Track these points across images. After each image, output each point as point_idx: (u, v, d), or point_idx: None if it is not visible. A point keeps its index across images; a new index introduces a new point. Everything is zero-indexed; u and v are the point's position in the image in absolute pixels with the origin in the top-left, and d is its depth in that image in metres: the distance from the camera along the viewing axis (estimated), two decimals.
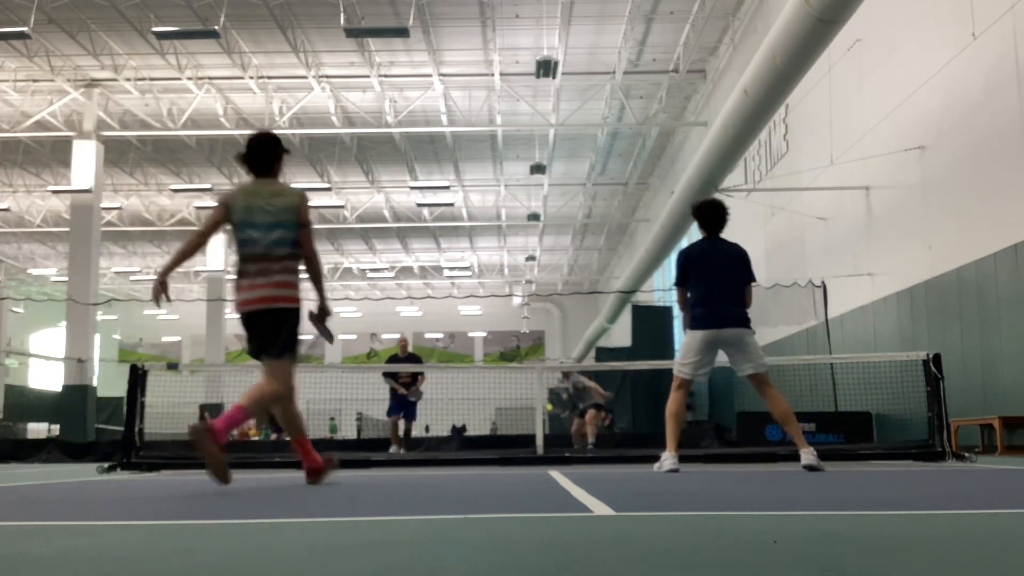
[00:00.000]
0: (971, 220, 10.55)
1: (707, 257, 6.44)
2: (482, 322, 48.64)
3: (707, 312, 6.31)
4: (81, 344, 22.39)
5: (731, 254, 6.52)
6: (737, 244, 6.63)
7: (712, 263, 6.41)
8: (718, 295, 6.33)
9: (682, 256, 6.54)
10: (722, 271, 6.41)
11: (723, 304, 6.31)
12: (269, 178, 5.20)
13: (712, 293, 6.34)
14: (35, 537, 2.44)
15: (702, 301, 6.35)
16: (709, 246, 6.51)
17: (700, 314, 6.34)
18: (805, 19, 10.01)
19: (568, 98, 23.71)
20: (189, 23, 19.06)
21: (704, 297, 6.36)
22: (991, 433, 10.02)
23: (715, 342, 6.34)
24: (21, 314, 46.04)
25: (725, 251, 6.51)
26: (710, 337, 6.31)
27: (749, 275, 6.49)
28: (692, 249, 6.55)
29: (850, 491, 3.80)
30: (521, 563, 1.76)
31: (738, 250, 6.56)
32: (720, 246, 6.53)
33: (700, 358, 6.35)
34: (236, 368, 43.95)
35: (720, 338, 6.32)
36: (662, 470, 6.28)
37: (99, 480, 6.27)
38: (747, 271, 6.48)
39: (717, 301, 6.31)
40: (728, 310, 6.32)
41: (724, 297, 6.34)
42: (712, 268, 6.39)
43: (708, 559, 1.79)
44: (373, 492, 4.25)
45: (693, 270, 6.45)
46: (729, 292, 6.37)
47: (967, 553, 1.83)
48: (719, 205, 6.62)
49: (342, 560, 1.84)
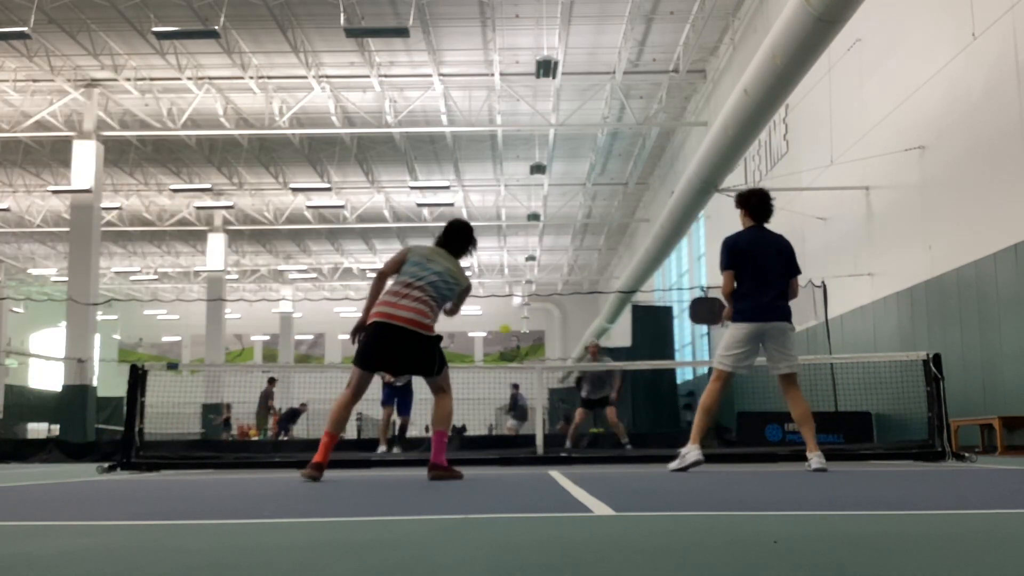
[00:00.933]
0: (971, 220, 10.55)
1: (755, 247, 6.23)
2: (482, 322, 48.63)
3: (754, 305, 6.13)
4: (81, 344, 22.39)
5: (778, 245, 6.33)
6: (782, 235, 6.43)
7: (759, 254, 6.22)
8: (765, 287, 6.16)
9: (730, 244, 6.29)
10: (769, 262, 6.22)
11: (770, 297, 6.15)
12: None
13: (759, 285, 6.16)
14: (35, 537, 2.44)
15: (749, 293, 6.17)
16: (757, 236, 6.30)
17: (747, 307, 6.16)
18: (805, 19, 10.01)
19: (568, 98, 23.71)
20: (189, 23, 19.06)
21: (751, 289, 6.17)
22: (991, 433, 10.02)
23: (760, 336, 6.16)
24: (21, 314, 46.05)
25: (772, 242, 6.32)
26: (756, 330, 6.14)
27: (795, 267, 6.31)
28: (740, 238, 6.31)
29: (850, 491, 3.80)
30: (521, 563, 1.76)
31: (784, 241, 6.38)
32: (767, 237, 6.34)
33: (744, 351, 6.16)
34: (236, 368, 43.96)
35: (765, 332, 6.15)
36: (685, 463, 6.12)
37: (99, 480, 6.27)
38: (793, 263, 6.30)
39: (764, 293, 6.14)
40: (775, 303, 6.16)
41: (771, 289, 6.17)
42: (759, 259, 6.20)
43: (708, 559, 1.79)
44: (373, 492, 4.25)
45: (740, 260, 6.22)
46: (776, 284, 6.20)
47: (967, 553, 1.82)
48: (767, 194, 6.44)
49: (342, 560, 1.84)
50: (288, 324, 46.03)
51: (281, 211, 33.42)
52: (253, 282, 45.65)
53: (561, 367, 33.77)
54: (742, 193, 6.54)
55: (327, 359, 48.50)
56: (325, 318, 47.22)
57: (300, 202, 31.91)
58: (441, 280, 5.71)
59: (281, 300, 45.94)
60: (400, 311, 5.53)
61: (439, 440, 5.64)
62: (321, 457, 5.48)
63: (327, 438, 5.57)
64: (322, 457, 5.48)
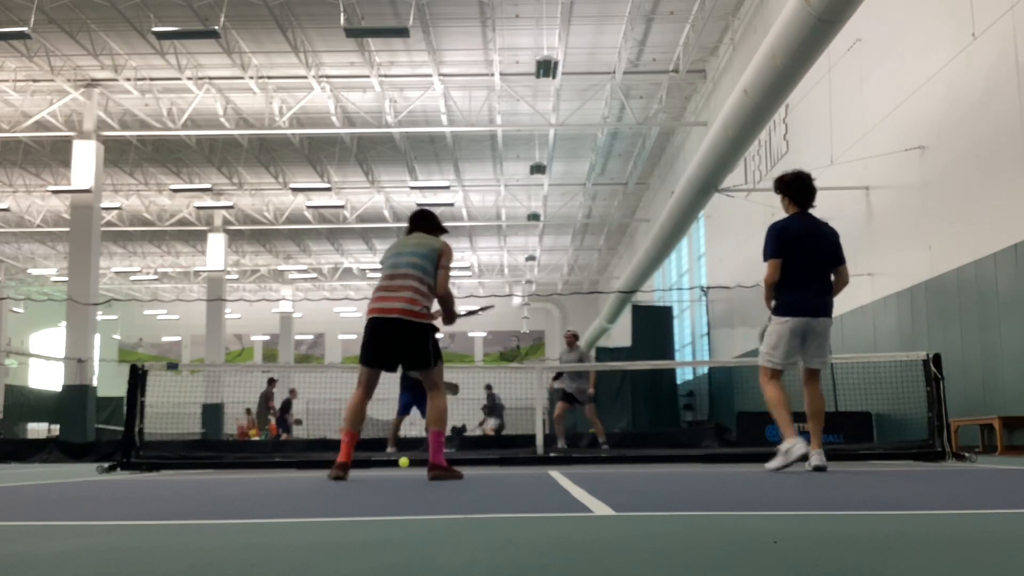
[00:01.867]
0: (971, 220, 10.55)
1: (804, 236, 5.89)
2: (482, 322, 48.63)
3: (801, 299, 5.84)
4: (81, 344, 22.39)
5: (824, 234, 5.97)
6: (828, 222, 6.11)
7: (808, 243, 5.88)
8: (812, 280, 5.86)
9: (778, 230, 5.93)
10: (816, 253, 5.89)
11: (816, 291, 5.86)
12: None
13: (806, 278, 5.85)
14: (35, 537, 2.44)
15: (795, 286, 5.86)
16: (805, 224, 5.95)
17: (793, 301, 5.85)
18: (805, 19, 10.00)
19: (568, 98, 23.71)
20: (189, 23, 19.06)
21: (797, 281, 5.86)
22: (991, 433, 10.02)
23: (805, 332, 5.87)
24: (21, 314, 46.04)
25: (819, 230, 5.97)
26: (801, 326, 5.85)
27: (841, 256, 6.02)
28: (787, 225, 5.95)
29: (850, 491, 3.80)
30: (521, 563, 1.76)
31: (830, 228, 6.04)
32: (814, 224, 5.99)
33: (790, 347, 5.88)
34: (236, 368, 43.96)
35: (810, 328, 5.87)
36: (790, 459, 5.75)
37: (99, 480, 6.27)
38: (840, 252, 6.01)
39: (810, 287, 5.85)
40: (821, 299, 5.87)
41: (817, 282, 5.88)
42: (807, 249, 5.87)
43: (708, 559, 1.79)
44: (373, 492, 4.25)
45: (788, 249, 5.86)
46: (822, 277, 5.91)
47: (967, 553, 1.82)
48: (810, 177, 6.12)
49: (342, 560, 1.84)
50: (288, 324, 46.03)
51: (281, 211, 33.42)
52: (253, 282, 45.65)
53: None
54: (783, 178, 6.19)
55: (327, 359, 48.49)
56: (325, 318, 47.25)
57: (300, 202, 31.91)
58: (415, 256, 5.75)
59: (281, 300, 45.94)
60: (390, 303, 5.63)
61: (436, 440, 5.68)
62: (345, 456, 5.63)
63: (347, 436, 5.70)
64: (346, 456, 5.63)
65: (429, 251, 5.76)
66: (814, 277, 5.87)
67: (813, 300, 5.85)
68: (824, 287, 5.91)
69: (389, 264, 5.80)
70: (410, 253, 5.76)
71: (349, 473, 5.70)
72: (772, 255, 5.92)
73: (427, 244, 5.82)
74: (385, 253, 5.93)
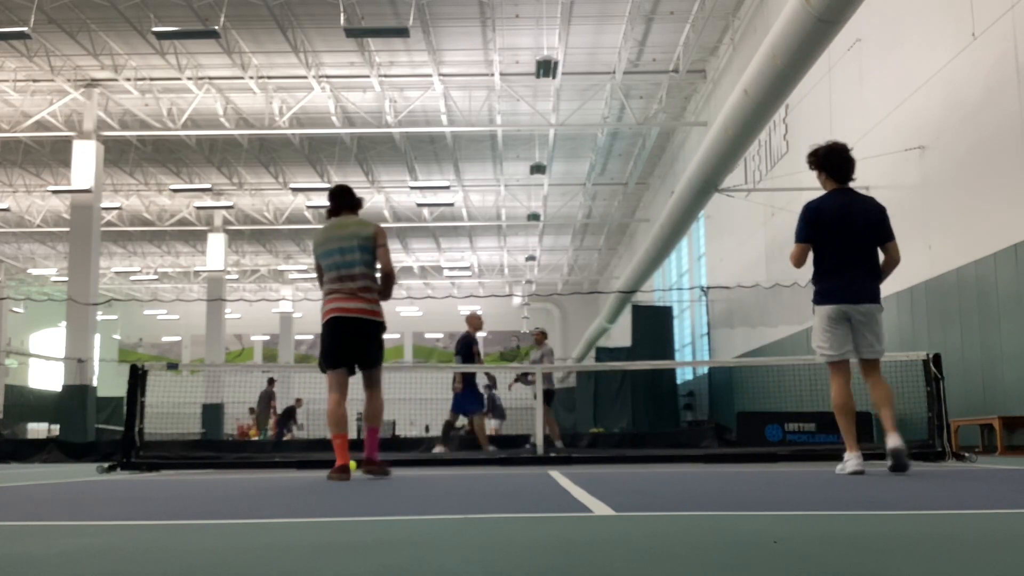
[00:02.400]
0: (971, 220, 10.55)
1: (842, 215, 5.40)
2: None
3: (838, 286, 5.41)
4: (81, 344, 22.39)
5: (867, 211, 5.45)
6: (872, 197, 5.60)
7: (846, 223, 5.40)
8: (851, 263, 5.41)
9: (811, 211, 5.49)
10: (857, 233, 5.40)
11: (858, 275, 5.41)
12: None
13: (845, 261, 5.41)
14: (35, 537, 2.44)
15: (833, 270, 5.42)
16: (844, 202, 5.45)
17: (831, 287, 5.44)
18: (805, 19, 10.01)
19: (568, 98, 23.71)
20: (189, 23, 19.07)
21: (836, 265, 5.41)
22: (991, 433, 10.02)
23: (846, 318, 5.46)
24: (21, 314, 46.05)
25: (860, 207, 5.45)
26: (839, 314, 5.44)
27: (888, 232, 5.50)
28: (823, 204, 5.47)
29: (850, 491, 3.80)
30: (521, 563, 1.76)
31: (874, 204, 5.51)
32: (854, 201, 5.48)
33: (836, 335, 5.47)
34: (236, 368, 43.95)
35: (851, 315, 5.44)
36: (844, 472, 5.39)
37: (99, 480, 6.27)
38: (886, 228, 5.49)
39: (851, 271, 5.41)
40: (864, 283, 5.42)
41: (859, 267, 5.42)
42: (846, 229, 5.40)
43: (708, 559, 1.79)
44: (374, 492, 4.25)
45: (822, 231, 5.41)
46: (864, 259, 5.43)
47: (967, 553, 1.82)
48: (846, 148, 5.64)
49: (342, 560, 1.84)
50: (288, 324, 46.04)
51: (281, 211, 33.43)
52: (253, 282, 45.65)
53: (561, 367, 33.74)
54: (816, 151, 5.73)
55: None
56: None
57: (300, 202, 31.92)
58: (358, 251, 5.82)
59: (281, 300, 45.94)
60: (351, 303, 5.73)
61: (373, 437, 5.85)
62: (342, 459, 5.71)
63: (339, 440, 5.76)
64: (343, 459, 5.71)
65: (365, 240, 5.84)
66: (854, 260, 5.41)
67: (853, 285, 5.41)
68: (867, 270, 5.45)
69: (335, 263, 5.80)
70: (356, 248, 5.80)
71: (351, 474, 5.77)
72: (800, 239, 5.51)
73: (362, 233, 5.85)
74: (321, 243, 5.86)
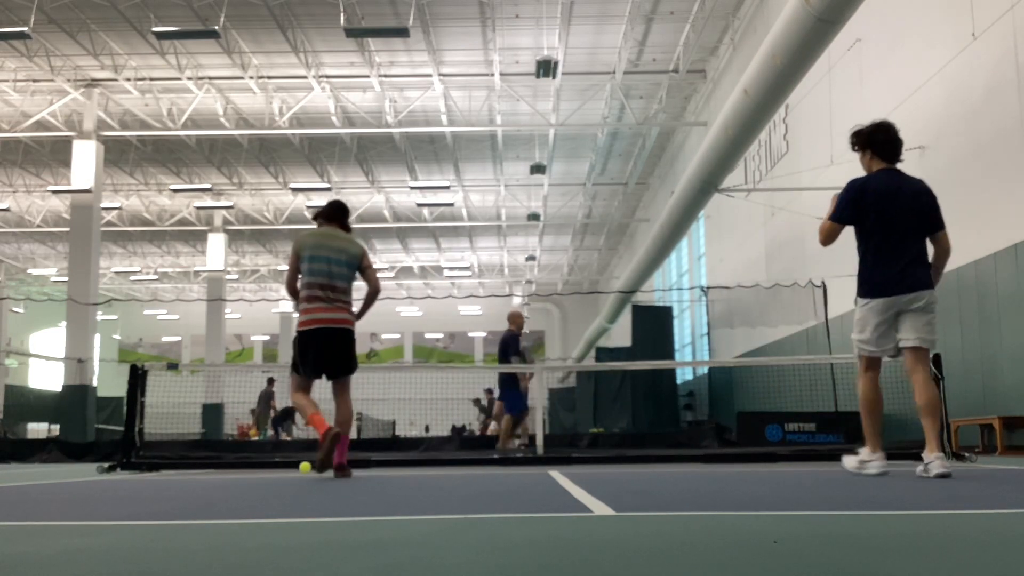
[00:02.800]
0: (971, 220, 10.55)
1: (888, 198, 4.96)
2: (482, 322, 48.61)
3: (886, 275, 5.01)
4: (81, 344, 22.39)
5: (917, 194, 5.01)
6: (922, 180, 5.18)
7: (892, 206, 4.96)
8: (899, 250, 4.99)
9: (855, 190, 5.07)
10: (906, 217, 4.96)
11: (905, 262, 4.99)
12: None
13: (891, 248, 4.99)
14: (35, 537, 2.44)
15: (879, 259, 5.03)
16: (892, 183, 5.02)
17: (878, 278, 5.05)
18: (805, 19, 10.01)
19: (568, 98, 23.71)
20: (189, 23, 19.07)
21: (881, 253, 5.01)
22: (991, 433, 10.03)
23: (894, 312, 5.06)
24: (21, 314, 46.05)
25: (911, 190, 5.02)
26: (887, 305, 5.04)
27: (939, 220, 5.09)
28: (870, 183, 5.04)
29: (850, 491, 3.80)
30: (521, 563, 1.76)
31: (925, 188, 5.07)
32: (904, 183, 5.06)
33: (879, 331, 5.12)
34: (236, 368, 43.94)
35: (901, 306, 5.02)
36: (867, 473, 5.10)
37: (99, 480, 6.27)
38: (937, 216, 5.08)
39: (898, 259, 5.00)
40: (912, 271, 4.98)
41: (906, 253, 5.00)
42: (893, 212, 4.96)
43: (708, 559, 1.79)
44: (373, 492, 4.25)
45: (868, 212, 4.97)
46: (913, 245, 5.00)
47: (967, 553, 1.82)
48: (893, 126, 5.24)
49: (343, 559, 1.84)
50: (288, 324, 46.01)
51: (281, 211, 33.42)
52: (253, 282, 45.65)
53: (561, 367, 33.78)
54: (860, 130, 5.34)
55: None
56: None
57: (300, 202, 31.91)
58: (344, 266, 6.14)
59: (281, 300, 45.93)
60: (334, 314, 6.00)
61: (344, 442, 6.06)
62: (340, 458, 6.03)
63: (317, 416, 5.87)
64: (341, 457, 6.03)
65: (352, 258, 6.18)
66: (902, 247, 4.99)
67: (902, 274, 4.99)
68: (918, 257, 5.02)
69: (321, 270, 6.04)
70: (343, 263, 6.12)
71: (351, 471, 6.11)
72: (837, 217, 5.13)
73: (350, 251, 6.19)
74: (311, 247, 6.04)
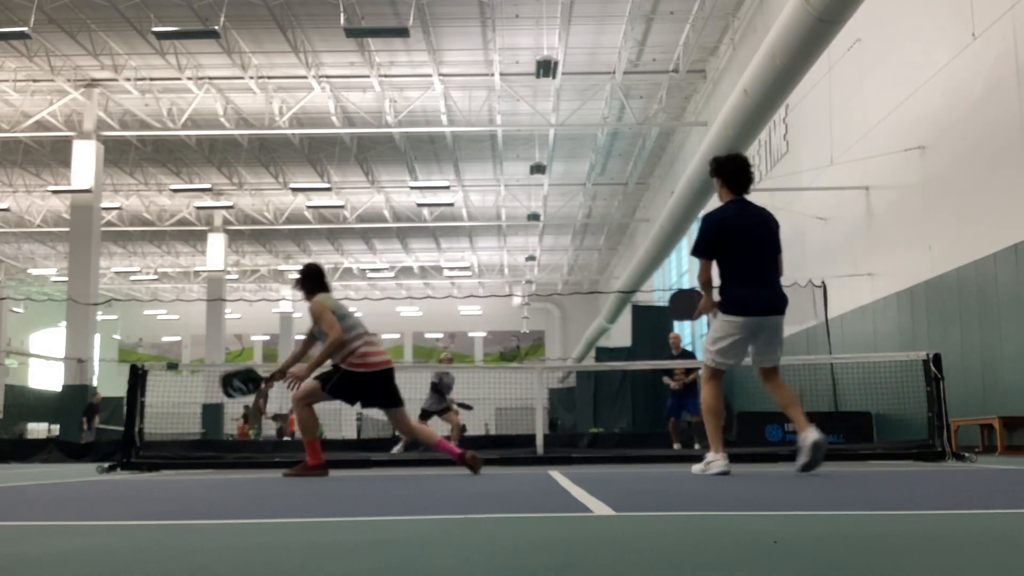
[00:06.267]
0: (971, 220, 10.55)
1: (745, 225, 5.39)
2: (482, 322, 48.62)
3: (753, 295, 5.35)
4: (81, 344, 22.39)
5: (765, 220, 5.47)
6: (765, 208, 5.65)
7: (751, 232, 5.38)
8: (762, 273, 5.37)
9: (713, 223, 5.42)
10: (761, 242, 5.38)
11: (769, 285, 5.39)
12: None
13: (756, 271, 5.36)
14: (35, 537, 2.44)
15: (744, 280, 5.38)
16: (744, 212, 5.45)
17: (744, 296, 5.36)
18: (805, 19, 10.01)
19: (568, 98, 23.71)
20: (189, 23, 19.07)
21: (746, 275, 5.37)
22: (991, 433, 10.03)
23: (754, 330, 5.38)
24: (21, 314, 46.04)
25: (759, 217, 5.46)
26: (753, 325, 5.36)
27: (779, 244, 5.56)
28: (725, 214, 5.43)
29: (850, 491, 3.80)
30: (521, 563, 1.76)
31: (769, 215, 5.57)
32: (753, 211, 5.49)
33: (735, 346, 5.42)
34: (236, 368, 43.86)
35: (761, 326, 5.36)
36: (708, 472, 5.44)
37: (99, 480, 6.27)
38: (778, 240, 5.55)
39: (762, 281, 5.36)
40: (772, 293, 5.38)
41: (768, 276, 5.39)
42: (751, 239, 5.37)
43: (708, 559, 1.79)
44: (373, 492, 4.25)
45: (729, 241, 5.36)
46: (771, 269, 5.42)
47: (967, 553, 1.82)
48: (746, 160, 5.66)
49: (342, 560, 1.84)
50: (288, 324, 46.03)
51: (281, 211, 33.42)
52: (253, 282, 45.65)
53: (561, 367, 33.78)
54: (717, 159, 5.71)
55: None
56: None
57: (300, 202, 31.91)
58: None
59: (281, 300, 45.94)
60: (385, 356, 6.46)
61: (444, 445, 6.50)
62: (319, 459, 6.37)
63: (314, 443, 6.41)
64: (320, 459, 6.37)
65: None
66: (760, 268, 5.38)
67: (766, 294, 5.37)
68: (773, 278, 5.43)
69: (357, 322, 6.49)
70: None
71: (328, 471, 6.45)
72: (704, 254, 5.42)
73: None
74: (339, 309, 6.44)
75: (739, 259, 5.39)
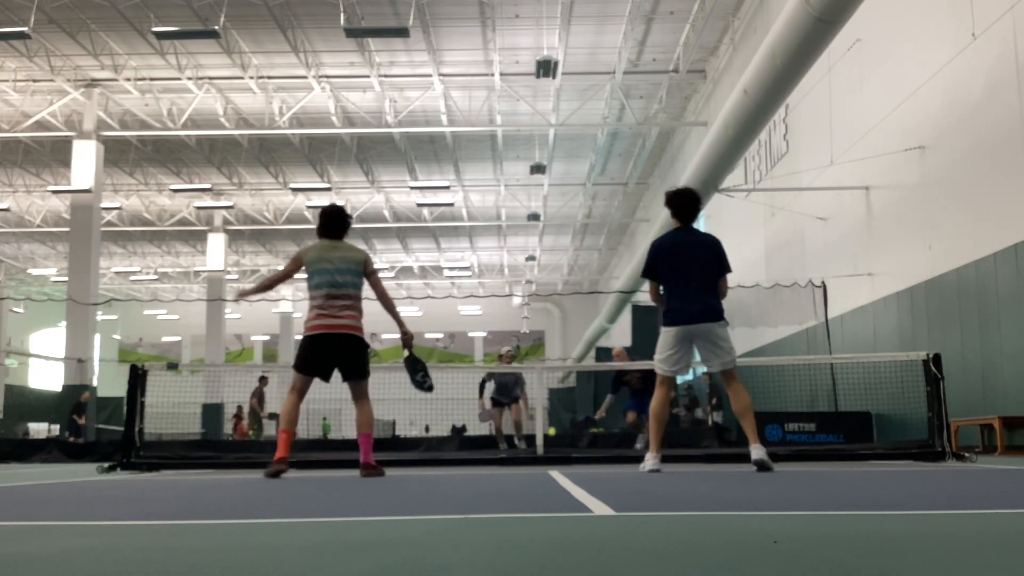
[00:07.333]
0: (971, 220, 10.55)
1: (678, 249, 6.24)
2: (482, 322, 48.62)
3: (680, 307, 6.17)
4: (81, 344, 22.39)
5: (702, 244, 6.30)
6: (709, 234, 6.44)
7: (683, 255, 6.22)
8: (690, 289, 6.16)
9: (652, 249, 6.36)
10: (693, 263, 6.20)
11: (695, 298, 6.15)
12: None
13: (684, 287, 6.18)
14: (35, 537, 2.44)
15: (674, 295, 6.21)
16: (680, 238, 6.31)
17: (673, 309, 6.20)
18: (805, 19, 10.01)
19: (568, 98, 23.71)
20: (189, 23, 19.07)
21: (676, 291, 6.21)
22: (991, 433, 10.03)
23: (688, 338, 6.21)
24: (21, 314, 46.04)
25: (696, 241, 6.30)
26: (682, 333, 6.19)
27: (723, 265, 6.29)
28: (663, 241, 6.34)
29: (850, 491, 3.80)
30: (521, 563, 1.76)
31: (710, 239, 6.35)
32: (691, 237, 6.33)
33: (675, 354, 6.23)
34: (236, 368, 43.94)
35: (692, 334, 6.19)
36: (644, 470, 6.14)
37: (99, 480, 6.27)
38: (720, 261, 6.28)
39: (689, 295, 6.16)
40: (700, 305, 6.16)
41: (696, 291, 6.16)
42: (683, 260, 6.21)
43: (708, 559, 1.79)
44: (373, 492, 4.25)
45: (664, 263, 6.26)
46: (701, 285, 6.18)
47: (967, 553, 1.82)
48: (693, 194, 6.44)
49: (342, 560, 1.84)
50: (288, 324, 46.03)
51: (281, 211, 33.42)
52: (253, 282, 45.64)
53: (561, 367, 33.78)
54: (668, 192, 6.53)
55: None
56: None
57: (300, 202, 31.92)
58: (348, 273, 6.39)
59: (281, 300, 45.95)
60: (337, 320, 6.25)
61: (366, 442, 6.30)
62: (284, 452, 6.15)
63: (285, 435, 6.21)
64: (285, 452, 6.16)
65: (356, 264, 6.44)
66: (691, 285, 6.16)
67: (692, 307, 6.14)
68: (706, 294, 6.18)
69: (326, 282, 6.28)
70: (344, 271, 6.35)
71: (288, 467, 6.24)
72: (645, 275, 6.37)
73: (352, 257, 6.44)
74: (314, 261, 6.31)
75: (672, 278, 6.24)
